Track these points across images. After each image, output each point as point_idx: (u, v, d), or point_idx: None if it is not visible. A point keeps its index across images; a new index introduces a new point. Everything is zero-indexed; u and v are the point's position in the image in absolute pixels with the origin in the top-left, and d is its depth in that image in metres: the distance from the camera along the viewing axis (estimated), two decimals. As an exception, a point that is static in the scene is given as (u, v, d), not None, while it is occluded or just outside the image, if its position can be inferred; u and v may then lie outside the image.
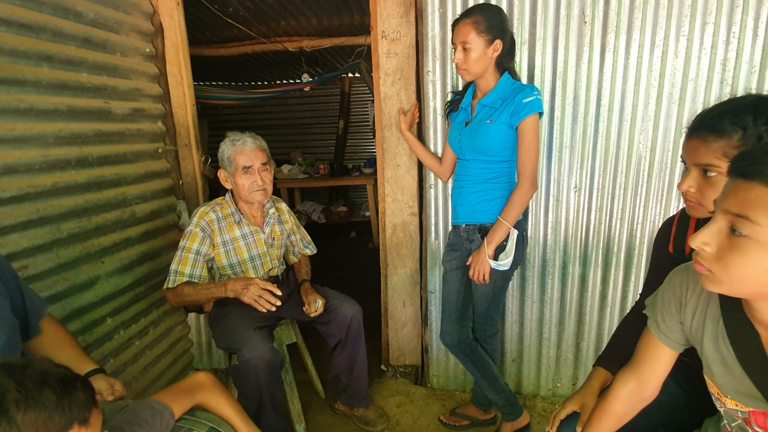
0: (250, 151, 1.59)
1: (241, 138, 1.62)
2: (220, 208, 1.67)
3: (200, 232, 1.60)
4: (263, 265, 1.71)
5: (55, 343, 1.09)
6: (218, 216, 1.65)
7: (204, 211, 1.63)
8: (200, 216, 1.62)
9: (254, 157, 1.60)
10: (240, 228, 1.66)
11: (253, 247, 1.68)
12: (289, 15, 3.10)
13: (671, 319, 0.82)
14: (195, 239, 1.59)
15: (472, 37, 1.38)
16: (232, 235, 1.65)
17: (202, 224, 1.60)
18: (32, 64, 1.37)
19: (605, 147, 1.68)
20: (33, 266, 1.37)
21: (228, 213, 1.66)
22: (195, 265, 1.59)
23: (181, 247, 1.60)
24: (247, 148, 1.60)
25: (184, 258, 1.58)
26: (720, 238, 0.62)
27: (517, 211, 1.43)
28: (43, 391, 0.60)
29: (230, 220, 1.66)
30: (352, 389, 1.80)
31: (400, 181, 1.96)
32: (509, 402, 1.67)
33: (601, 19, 1.58)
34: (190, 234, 1.60)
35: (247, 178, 1.60)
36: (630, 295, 1.80)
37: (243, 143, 1.60)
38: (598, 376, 1.11)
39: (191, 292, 1.56)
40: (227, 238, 1.64)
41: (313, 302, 1.66)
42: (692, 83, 1.58)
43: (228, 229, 1.65)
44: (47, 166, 1.43)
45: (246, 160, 1.59)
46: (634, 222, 1.73)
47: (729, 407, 0.77)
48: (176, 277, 1.58)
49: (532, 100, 1.38)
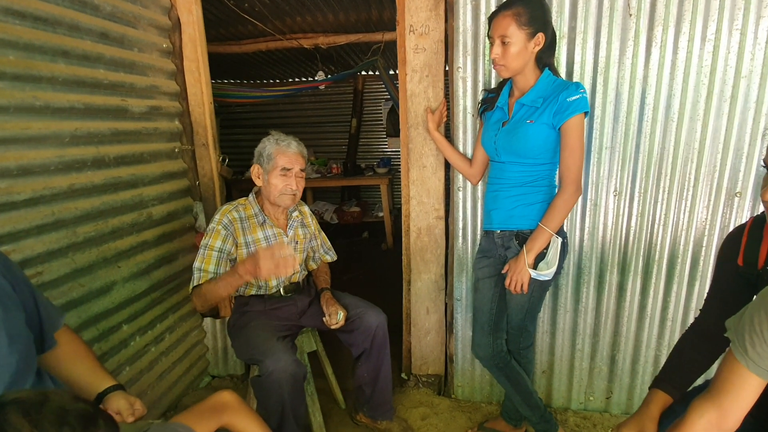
0: (293, 154, 1.55)
1: (286, 139, 1.56)
2: (243, 208, 1.60)
3: (223, 230, 1.53)
4: None
5: (71, 356, 1.03)
6: (241, 216, 1.58)
7: (227, 209, 1.57)
8: (223, 213, 1.55)
9: (295, 160, 1.55)
10: (263, 230, 1.60)
11: None
12: (305, 10, 3.02)
13: (763, 344, 0.73)
14: (218, 237, 1.52)
15: (512, 30, 1.28)
16: (255, 237, 1.58)
17: (224, 222, 1.54)
18: (48, 60, 1.31)
19: (649, 148, 1.57)
20: (48, 272, 1.31)
21: (251, 214, 1.60)
22: (219, 263, 1.52)
23: (204, 245, 1.53)
24: (291, 150, 1.55)
25: (207, 256, 1.51)
26: None
27: (560, 218, 1.33)
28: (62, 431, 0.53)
29: (253, 221, 1.59)
30: (376, 401, 1.72)
31: (426, 182, 1.87)
32: (544, 418, 1.58)
33: (648, 11, 1.48)
34: (213, 231, 1.53)
35: (283, 179, 1.54)
36: (671, 306, 1.69)
37: (288, 145, 1.55)
38: (656, 399, 1.01)
39: (211, 289, 1.46)
40: (250, 239, 1.57)
41: (335, 314, 1.58)
42: (745, 80, 1.47)
43: (251, 230, 1.58)
44: (63, 167, 1.36)
45: (287, 161, 1.53)
46: (678, 229, 1.62)
47: None
48: (200, 275, 1.49)
49: (577, 99, 1.28)
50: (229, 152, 2.36)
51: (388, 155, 5.61)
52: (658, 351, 1.75)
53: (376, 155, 5.68)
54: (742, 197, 1.55)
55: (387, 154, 5.68)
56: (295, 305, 1.67)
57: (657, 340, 1.74)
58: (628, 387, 1.82)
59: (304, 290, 1.73)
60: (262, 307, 1.62)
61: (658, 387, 1.03)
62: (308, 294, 1.74)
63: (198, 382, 2.13)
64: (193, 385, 2.09)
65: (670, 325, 1.71)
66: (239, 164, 3.54)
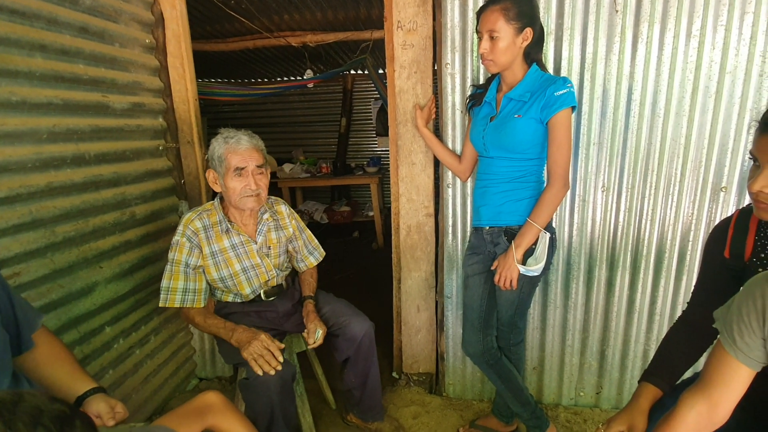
0: (245, 151, 1.41)
1: (235, 135, 1.43)
2: (207, 215, 1.50)
3: (187, 242, 1.44)
4: (258, 276, 1.55)
5: (49, 358, 0.99)
6: (205, 224, 1.48)
7: (189, 219, 1.47)
8: (185, 224, 1.46)
9: (249, 157, 1.41)
10: (229, 238, 1.49)
11: (245, 258, 1.52)
12: (293, 8, 2.99)
13: (751, 334, 0.73)
14: (182, 250, 1.44)
15: (501, 24, 1.28)
16: (221, 246, 1.48)
17: (187, 233, 1.44)
18: (25, 54, 1.27)
19: (636, 144, 1.58)
20: (26, 273, 1.27)
21: (216, 221, 1.49)
22: (187, 279, 1.45)
23: (170, 260, 1.45)
24: (241, 147, 1.41)
25: (175, 272, 1.44)
26: None
27: (548, 213, 1.33)
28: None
29: (217, 228, 1.49)
30: (366, 404, 1.69)
31: (415, 180, 1.86)
32: (535, 414, 1.58)
33: (634, 7, 1.48)
34: (177, 245, 1.45)
35: (239, 181, 1.41)
36: (659, 301, 1.71)
37: (237, 141, 1.42)
38: (646, 393, 1.01)
39: (201, 324, 1.48)
40: (216, 249, 1.48)
41: (313, 332, 1.48)
42: (730, 76, 1.48)
43: (216, 239, 1.48)
44: (41, 165, 1.32)
45: (239, 160, 1.40)
46: (665, 223, 1.63)
47: None
48: (168, 295, 1.43)
49: (564, 93, 1.28)
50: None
51: (378, 154, 5.59)
52: (646, 345, 1.76)
53: (366, 154, 5.66)
54: (727, 192, 1.57)
55: (377, 153, 5.67)
56: (276, 310, 1.61)
57: (645, 334, 1.75)
58: (617, 382, 1.83)
59: (287, 292, 1.66)
60: (242, 309, 1.57)
61: (648, 380, 1.03)
62: (292, 297, 1.67)
63: (185, 385, 2.09)
64: (180, 387, 2.04)
65: (658, 320, 1.73)
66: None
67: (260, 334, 1.37)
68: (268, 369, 1.30)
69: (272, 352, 1.33)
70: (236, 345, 1.38)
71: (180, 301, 1.45)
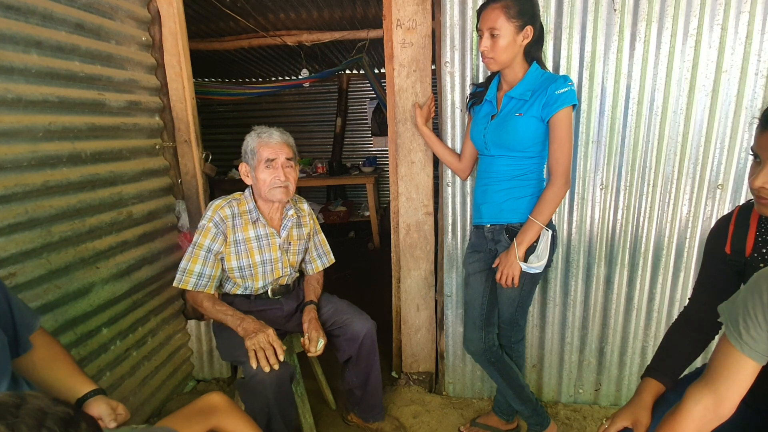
0: (276, 144, 1.49)
1: (267, 131, 1.51)
2: (237, 203, 1.54)
3: (213, 228, 1.48)
4: (273, 271, 1.58)
5: (47, 360, 0.98)
6: (234, 212, 1.52)
7: (219, 205, 1.51)
8: (214, 210, 1.50)
9: (279, 150, 1.48)
10: (255, 228, 1.54)
11: (267, 250, 1.56)
12: (289, 7, 2.98)
13: (757, 328, 0.73)
14: (207, 235, 1.48)
15: (501, 22, 1.28)
16: (246, 235, 1.53)
17: (215, 219, 1.49)
18: (20, 51, 1.25)
19: (634, 142, 1.59)
20: (22, 273, 1.25)
21: (245, 210, 1.54)
22: (205, 263, 1.48)
23: (193, 243, 1.49)
24: (272, 140, 1.49)
25: (195, 255, 1.48)
26: None
27: (549, 211, 1.33)
28: None
29: (246, 217, 1.53)
30: (367, 403, 1.69)
31: (414, 178, 1.86)
32: (536, 412, 1.59)
33: (632, 6, 1.49)
34: (203, 229, 1.49)
35: (270, 172, 1.48)
36: (657, 298, 1.72)
37: (269, 135, 1.50)
38: (649, 388, 1.02)
39: (209, 309, 1.48)
40: (240, 238, 1.52)
41: (315, 341, 1.47)
42: (726, 75, 1.50)
43: (242, 228, 1.53)
44: (36, 163, 1.30)
45: (270, 152, 1.47)
46: (662, 221, 1.65)
47: None
48: (183, 276, 1.47)
49: (565, 92, 1.29)
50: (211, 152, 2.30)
51: (374, 154, 5.58)
52: (645, 342, 1.78)
53: (362, 154, 5.65)
54: (724, 189, 1.58)
55: (372, 153, 5.66)
56: (281, 309, 1.62)
57: (644, 331, 1.77)
58: (616, 379, 1.85)
59: (293, 293, 1.67)
60: (247, 307, 1.57)
61: (651, 375, 1.04)
62: (296, 298, 1.68)
63: (182, 387, 2.06)
64: (178, 389, 2.02)
65: (656, 317, 1.74)
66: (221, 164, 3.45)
67: (269, 329, 1.37)
68: (264, 365, 1.29)
69: (275, 348, 1.33)
70: (242, 334, 1.37)
71: (193, 285, 1.48)
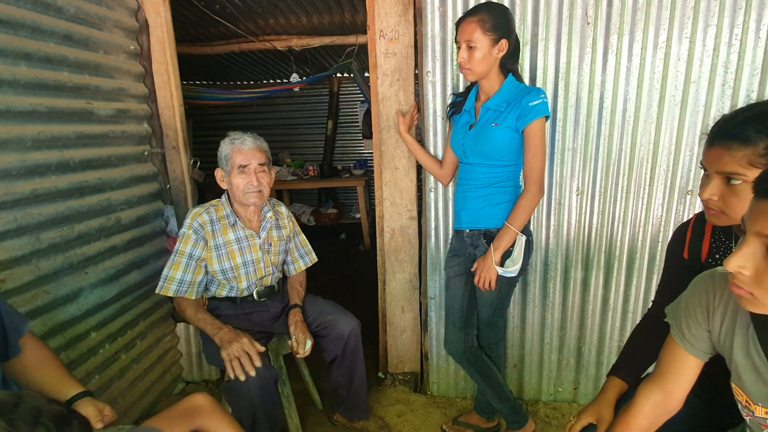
0: (248, 150, 1.52)
1: (241, 137, 1.55)
2: (214, 209, 1.59)
3: (193, 234, 1.52)
4: (256, 271, 1.62)
5: (37, 363, 1.01)
6: (212, 218, 1.56)
7: (197, 213, 1.56)
8: (193, 217, 1.54)
9: (251, 156, 1.52)
10: (234, 231, 1.58)
11: (248, 251, 1.59)
12: (278, 12, 3.01)
13: (697, 327, 0.79)
14: (188, 242, 1.52)
15: (477, 35, 1.33)
16: (226, 239, 1.57)
17: (194, 226, 1.53)
18: (9, 63, 1.28)
19: (607, 149, 1.66)
20: (11, 279, 1.28)
21: (222, 215, 1.58)
22: (186, 270, 1.52)
23: (175, 251, 1.53)
24: (245, 146, 1.53)
25: (176, 262, 1.52)
26: (756, 260, 0.61)
27: (524, 217, 1.39)
28: (36, 431, 0.54)
29: (224, 222, 1.57)
30: (351, 402, 1.74)
31: (398, 184, 1.91)
32: (514, 410, 1.64)
33: (604, 20, 1.56)
34: (183, 236, 1.53)
35: (243, 178, 1.52)
36: (631, 299, 1.78)
37: (242, 141, 1.53)
38: (613, 386, 1.08)
39: (191, 317, 1.52)
40: (221, 242, 1.56)
41: (302, 343, 1.51)
42: (694, 86, 1.57)
43: (222, 232, 1.56)
44: (25, 172, 1.33)
45: (242, 158, 1.51)
46: (636, 225, 1.71)
47: (758, 415, 0.74)
48: (165, 284, 1.52)
49: (538, 104, 1.34)
50: (203, 155, 2.34)
51: (365, 157, 5.63)
52: (620, 342, 1.84)
53: (353, 157, 5.69)
54: (693, 195, 1.65)
55: (363, 156, 5.70)
56: (267, 311, 1.66)
57: (620, 331, 1.83)
58: (594, 377, 1.91)
59: (278, 294, 1.71)
60: (233, 311, 1.62)
61: (615, 374, 1.10)
62: (282, 300, 1.72)
63: (172, 389, 2.10)
64: (167, 391, 2.05)
65: (631, 317, 1.81)
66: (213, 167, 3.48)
67: (242, 337, 1.40)
68: (240, 373, 1.33)
69: (250, 355, 1.36)
70: (219, 344, 1.42)
71: (174, 291, 1.52)
